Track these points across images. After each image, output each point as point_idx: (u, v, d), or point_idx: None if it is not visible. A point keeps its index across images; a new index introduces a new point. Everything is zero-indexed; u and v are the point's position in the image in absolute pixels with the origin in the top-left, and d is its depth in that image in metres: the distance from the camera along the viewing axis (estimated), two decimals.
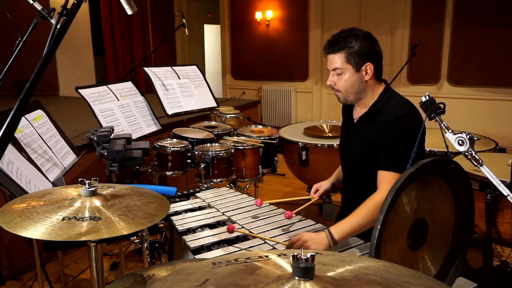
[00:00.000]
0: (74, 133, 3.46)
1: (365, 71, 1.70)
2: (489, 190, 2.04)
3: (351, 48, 1.68)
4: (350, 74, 1.71)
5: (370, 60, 1.70)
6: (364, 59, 1.69)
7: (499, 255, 2.92)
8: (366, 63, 1.69)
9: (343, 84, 1.73)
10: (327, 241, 1.53)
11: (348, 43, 1.69)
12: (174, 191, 1.80)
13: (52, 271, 2.90)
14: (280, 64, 7.34)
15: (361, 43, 1.68)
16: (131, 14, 1.55)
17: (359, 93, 1.75)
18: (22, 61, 2.33)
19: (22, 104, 1.11)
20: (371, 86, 1.75)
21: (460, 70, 6.03)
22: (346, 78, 1.72)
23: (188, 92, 3.49)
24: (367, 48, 1.68)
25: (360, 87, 1.73)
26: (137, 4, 6.80)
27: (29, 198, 1.21)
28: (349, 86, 1.73)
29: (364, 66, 1.69)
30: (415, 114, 1.69)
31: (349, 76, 1.71)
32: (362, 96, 1.77)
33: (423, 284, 0.68)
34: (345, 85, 1.73)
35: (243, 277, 0.67)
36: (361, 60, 1.69)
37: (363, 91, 1.75)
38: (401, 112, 1.66)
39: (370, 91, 1.76)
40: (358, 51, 1.68)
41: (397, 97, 1.76)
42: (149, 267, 1.38)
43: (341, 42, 1.70)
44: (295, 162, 3.25)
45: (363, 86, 1.74)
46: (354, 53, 1.68)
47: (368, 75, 1.71)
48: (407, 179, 1.06)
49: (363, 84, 1.73)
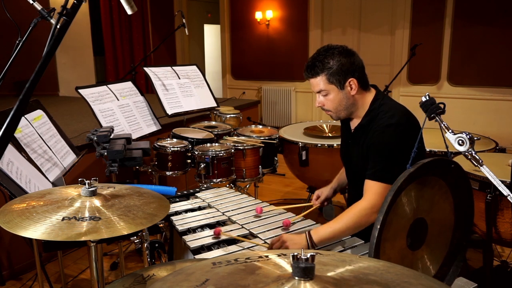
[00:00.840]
0: (74, 133, 3.46)
1: (350, 86, 1.69)
2: (489, 190, 2.04)
3: (330, 68, 1.66)
4: (336, 93, 1.70)
5: (352, 75, 1.68)
6: (345, 76, 1.67)
7: (499, 255, 2.92)
8: (349, 79, 1.68)
9: (331, 104, 1.73)
10: (305, 242, 1.54)
11: (325, 64, 1.67)
12: (174, 191, 1.80)
13: (52, 271, 2.90)
14: (280, 64, 7.34)
15: (338, 60, 1.66)
16: (131, 14, 1.55)
17: (349, 108, 1.74)
18: (22, 61, 2.33)
19: (22, 104, 1.11)
20: (360, 98, 1.74)
21: (460, 70, 6.03)
22: (333, 98, 1.71)
23: (188, 92, 3.49)
24: (346, 64, 1.66)
25: (349, 102, 1.72)
26: (137, 4, 6.80)
27: (29, 198, 1.21)
28: (338, 105, 1.73)
29: (347, 82, 1.68)
30: (405, 121, 1.66)
31: (335, 95, 1.70)
32: (353, 110, 1.76)
33: (423, 284, 0.69)
34: (333, 105, 1.73)
35: (243, 277, 0.67)
36: (342, 78, 1.67)
37: (352, 105, 1.74)
38: (390, 121, 1.64)
39: (360, 103, 1.75)
40: (337, 70, 1.66)
41: (388, 104, 1.73)
42: (149, 267, 1.38)
43: (318, 65, 1.68)
44: (295, 162, 3.25)
45: (351, 102, 1.73)
46: (334, 73, 1.67)
47: (354, 90, 1.70)
48: (407, 179, 1.06)
49: (351, 99, 1.72)
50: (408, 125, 1.65)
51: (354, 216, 1.58)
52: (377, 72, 6.56)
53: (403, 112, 1.70)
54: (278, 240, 1.57)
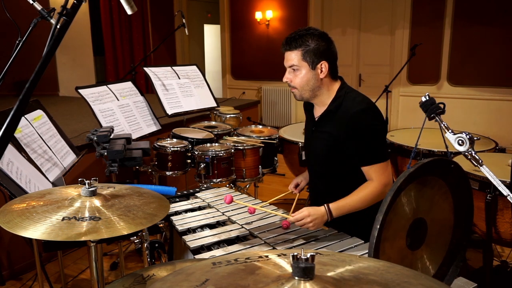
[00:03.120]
0: (74, 133, 3.46)
1: (320, 69, 1.75)
2: (489, 190, 2.04)
3: (307, 46, 1.73)
4: (306, 72, 1.76)
5: (325, 59, 1.75)
6: (319, 58, 1.74)
7: (499, 255, 2.92)
8: (321, 61, 1.75)
9: (299, 81, 1.79)
10: (326, 218, 1.67)
11: (304, 41, 1.74)
12: (174, 191, 1.80)
13: (52, 271, 2.90)
14: (280, 64, 7.23)
15: (317, 42, 1.73)
16: (131, 14, 1.55)
17: (315, 90, 1.80)
18: (22, 61, 2.33)
19: (22, 104, 1.11)
20: (326, 84, 1.80)
21: (460, 70, 6.03)
22: (302, 75, 1.77)
23: (188, 92, 3.49)
24: (322, 47, 1.73)
25: (316, 84, 1.78)
26: (137, 4, 6.80)
27: (29, 198, 1.21)
28: (305, 83, 1.78)
29: (319, 64, 1.75)
30: (373, 105, 1.77)
31: (305, 73, 1.77)
32: (317, 94, 1.82)
33: (423, 284, 0.69)
34: (300, 82, 1.79)
35: (243, 277, 0.67)
36: (316, 58, 1.74)
37: (318, 88, 1.80)
38: (362, 106, 1.72)
39: (326, 88, 1.81)
40: (313, 50, 1.73)
41: (354, 92, 1.81)
42: (149, 267, 1.39)
43: (298, 40, 1.75)
44: (295, 162, 3.25)
45: (318, 84, 1.78)
46: (310, 51, 1.73)
47: (323, 73, 1.76)
48: (407, 179, 1.06)
49: (318, 82, 1.78)
50: (376, 108, 1.77)
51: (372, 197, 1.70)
52: (377, 72, 6.56)
53: (367, 99, 1.79)
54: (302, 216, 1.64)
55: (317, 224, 1.65)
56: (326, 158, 1.84)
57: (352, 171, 1.78)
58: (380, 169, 1.72)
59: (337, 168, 1.83)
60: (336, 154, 1.79)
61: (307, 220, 1.63)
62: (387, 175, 1.72)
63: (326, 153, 1.82)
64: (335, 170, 1.84)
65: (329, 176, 1.89)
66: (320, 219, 1.65)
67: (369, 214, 1.67)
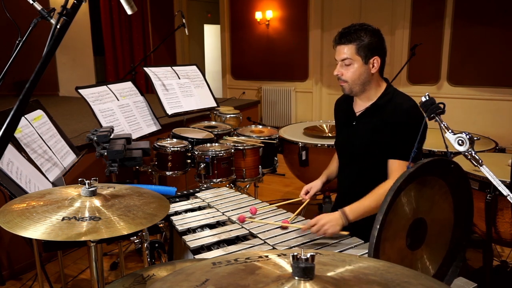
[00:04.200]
0: (74, 133, 3.46)
1: (373, 64, 1.79)
2: (489, 190, 2.04)
3: (361, 41, 1.76)
4: (359, 66, 1.79)
5: (378, 54, 1.79)
6: (372, 53, 1.77)
7: (499, 255, 2.92)
8: (374, 56, 1.78)
9: (351, 74, 1.80)
10: (342, 222, 1.63)
11: (359, 36, 1.77)
12: (174, 191, 1.80)
13: (52, 271, 2.90)
14: (280, 64, 7.34)
15: (371, 37, 1.77)
16: (131, 14, 1.55)
17: (365, 84, 1.83)
18: (22, 61, 2.33)
19: (22, 104, 1.11)
20: (376, 79, 1.84)
21: (460, 70, 6.03)
22: (354, 69, 1.79)
23: (188, 92, 3.49)
24: (375, 43, 1.77)
25: (367, 79, 1.81)
26: (137, 4, 6.79)
27: (29, 198, 1.22)
28: (356, 77, 1.80)
29: (372, 59, 1.78)
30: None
31: (358, 67, 1.79)
32: (367, 89, 1.84)
33: (423, 284, 0.69)
34: (352, 76, 1.80)
35: (243, 277, 0.67)
36: (370, 53, 1.77)
37: (368, 83, 1.82)
38: (412, 103, 1.75)
39: (375, 84, 1.84)
40: (368, 44, 1.76)
41: (402, 93, 1.86)
42: (149, 267, 1.39)
43: (352, 35, 1.77)
44: (295, 162, 3.25)
45: (369, 79, 1.81)
46: (364, 46, 1.76)
47: (375, 68, 1.80)
48: (407, 179, 1.06)
49: (369, 76, 1.81)
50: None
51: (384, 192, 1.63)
52: None
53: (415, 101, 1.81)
54: (315, 223, 1.63)
55: (333, 227, 1.61)
56: (366, 150, 1.83)
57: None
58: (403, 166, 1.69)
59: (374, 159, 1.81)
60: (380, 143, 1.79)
61: (320, 222, 1.61)
62: None
63: (368, 144, 1.82)
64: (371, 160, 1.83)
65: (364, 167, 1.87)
66: (334, 221, 1.62)
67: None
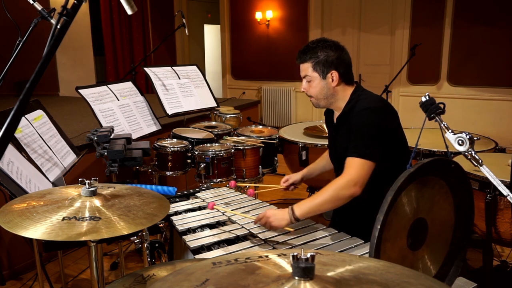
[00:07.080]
0: (74, 133, 3.46)
1: (331, 78, 1.83)
2: (489, 190, 2.04)
3: (317, 57, 1.82)
4: (318, 81, 1.85)
5: (335, 68, 1.82)
6: (328, 68, 1.82)
7: (499, 255, 2.92)
8: (331, 71, 1.82)
9: (313, 90, 1.87)
10: (288, 217, 1.67)
11: (314, 54, 1.82)
12: (174, 191, 1.80)
13: (52, 271, 2.90)
14: (280, 64, 7.34)
15: (326, 53, 1.81)
16: (131, 14, 1.55)
17: (329, 98, 1.88)
18: (22, 61, 2.33)
19: (22, 104, 1.11)
20: (340, 90, 1.87)
21: (460, 70, 6.03)
22: (315, 85, 1.86)
23: (188, 92, 3.49)
24: (331, 57, 1.81)
25: (329, 92, 1.86)
26: (137, 4, 6.81)
27: (29, 198, 1.22)
28: (318, 92, 1.86)
29: (329, 73, 1.82)
30: (379, 105, 1.78)
31: (317, 83, 1.85)
32: (332, 101, 1.89)
33: (423, 284, 0.69)
34: (315, 91, 1.87)
35: (243, 277, 0.67)
36: (325, 68, 1.82)
37: (332, 96, 1.87)
38: (368, 105, 1.77)
39: (341, 95, 1.87)
40: (323, 61, 1.81)
41: (367, 94, 1.86)
42: (149, 267, 1.38)
43: (307, 53, 1.84)
44: (295, 162, 3.25)
45: (331, 92, 1.86)
46: (319, 62, 1.82)
47: (335, 82, 1.83)
48: (407, 179, 1.06)
49: (331, 90, 1.85)
50: (383, 109, 1.78)
51: (334, 189, 1.67)
52: (377, 72, 6.56)
53: (378, 99, 1.83)
54: (263, 216, 1.70)
55: (277, 221, 1.67)
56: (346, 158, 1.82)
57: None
58: (356, 164, 1.67)
59: None
60: None
61: (266, 215, 1.68)
62: (361, 174, 1.65)
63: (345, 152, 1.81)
64: None
65: None
66: (280, 216, 1.67)
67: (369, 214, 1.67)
